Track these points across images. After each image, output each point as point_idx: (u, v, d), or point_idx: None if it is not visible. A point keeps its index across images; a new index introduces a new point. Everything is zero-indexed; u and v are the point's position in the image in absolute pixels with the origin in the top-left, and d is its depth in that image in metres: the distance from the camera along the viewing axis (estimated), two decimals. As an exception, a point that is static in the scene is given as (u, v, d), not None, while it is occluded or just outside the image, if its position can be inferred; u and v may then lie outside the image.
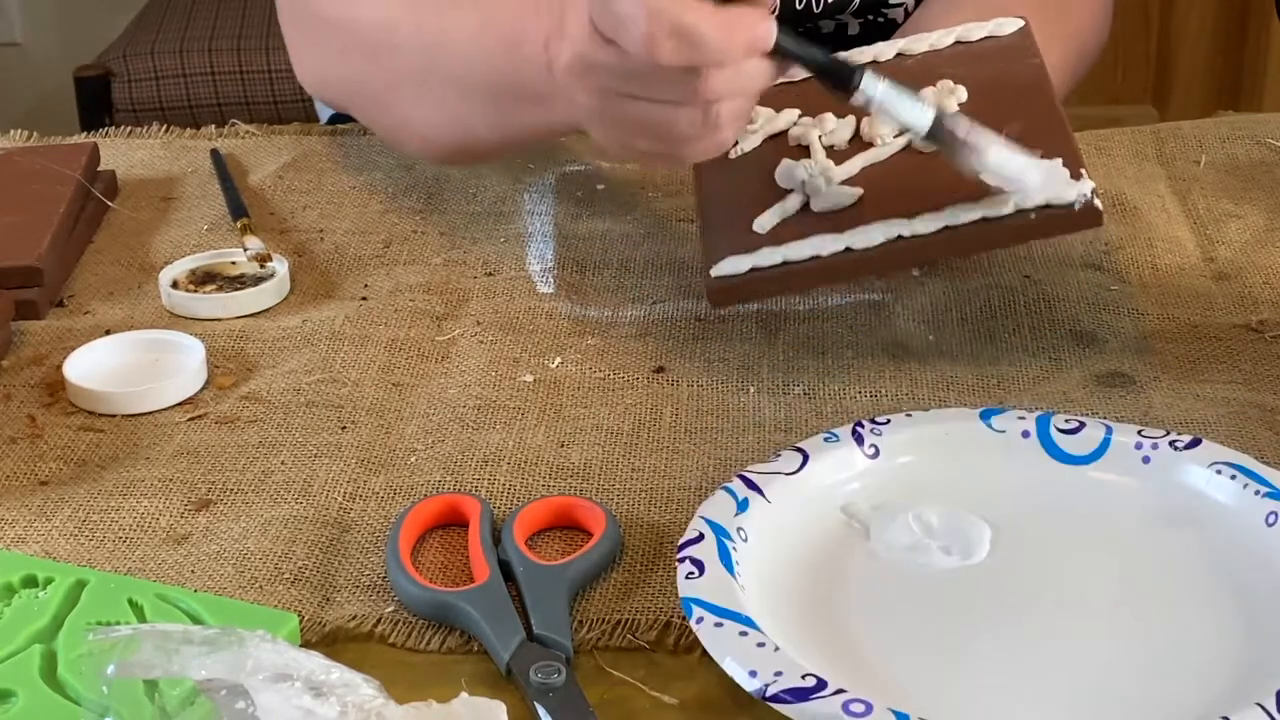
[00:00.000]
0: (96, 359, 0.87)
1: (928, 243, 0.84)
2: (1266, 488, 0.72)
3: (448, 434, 0.82)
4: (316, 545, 0.74)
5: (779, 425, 0.82)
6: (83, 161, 1.05)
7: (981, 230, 0.83)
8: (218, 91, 2.35)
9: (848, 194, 0.87)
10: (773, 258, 0.85)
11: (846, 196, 0.87)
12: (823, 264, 0.85)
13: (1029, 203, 0.82)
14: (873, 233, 0.84)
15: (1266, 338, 0.89)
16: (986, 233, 0.83)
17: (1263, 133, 1.12)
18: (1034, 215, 0.82)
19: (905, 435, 0.76)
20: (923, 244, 0.84)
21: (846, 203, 0.87)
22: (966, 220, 0.83)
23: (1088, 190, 0.82)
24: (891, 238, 0.84)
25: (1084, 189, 0.82)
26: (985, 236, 0.84)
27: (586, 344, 0.90)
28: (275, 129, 1.17)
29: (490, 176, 1.09)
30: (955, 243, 0.84)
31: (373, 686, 0.59)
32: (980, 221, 0.83)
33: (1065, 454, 0.76)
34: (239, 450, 0.81)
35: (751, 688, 0.62)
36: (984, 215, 0.83)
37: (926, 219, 0.83)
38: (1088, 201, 0.81)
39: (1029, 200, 0.82)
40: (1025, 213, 0.82)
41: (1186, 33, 2.79)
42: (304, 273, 0.98)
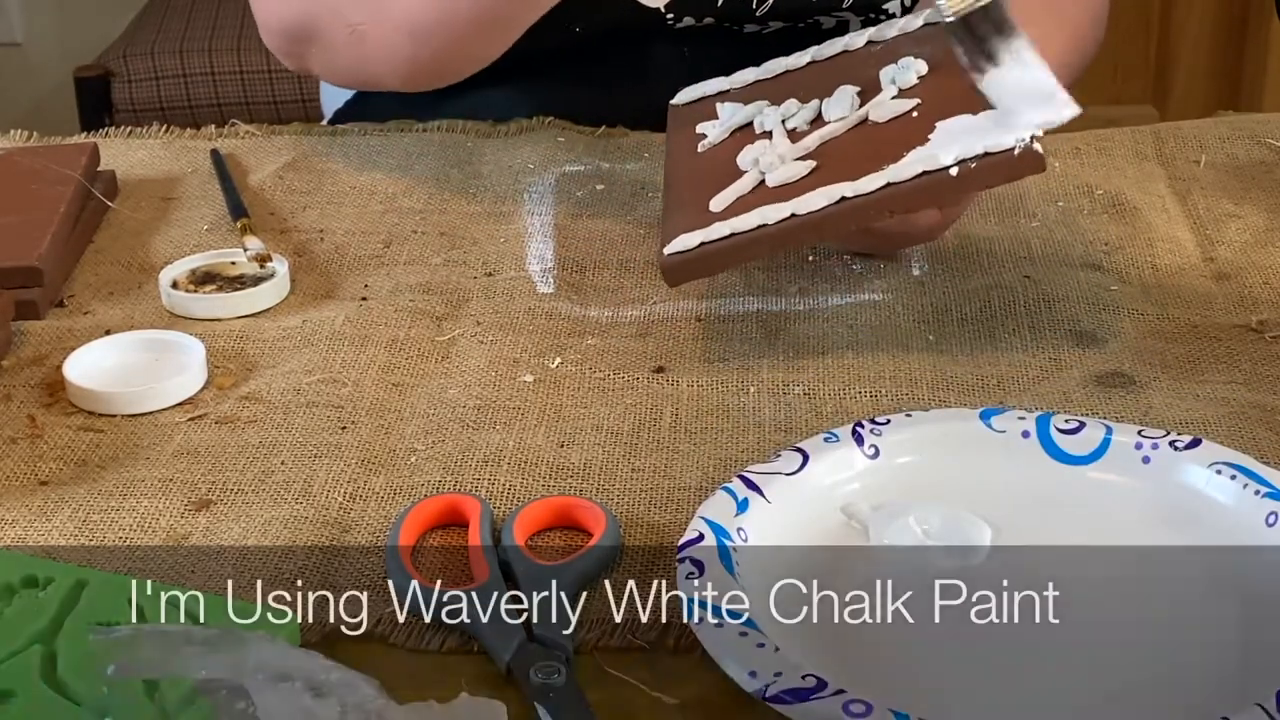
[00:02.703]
0: (96, 359, 0.87)
1: (870, 200, 0.84)
2: (1266, 488, 0.72)
3: (448, 434, 0.82)
4: (316, 545, 0.74)
5: (779, 425, 0.82)
6: (83, 161, 1.05)
7: (923, 184, 0.83)
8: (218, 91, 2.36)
9: (801, 167, 0.88)
10: (721, 231, 0.86)
11: (800, 170, 0.88)
12: (768, 231, 0.85)
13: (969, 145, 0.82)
14: (816, 198, 0.85)
15: (1266, 338, 0.89)
16: (928, 186, 0.83)
17: (1263, 133, 1.12)
18: (974, 164, 0.82)
19: (905, 435, 0.76)
20: (865, 202, 0.84)
21: (800, 175, 0.88)
22: (908, 176, 0.83)
23: (1027, 135, 0.81)
24: (835, 200, 0.84)
25: (1023, 134, 0.81)
26: (928, 190, 0.83)
27: (586, 344, 0.90)
28: (275, 129, 1.17)
29: (490, 176, 1.09)
30: (897, 198, 0.84)
31: (373, 686, 0.59)
32: (921, 175, 0.83)
33: (1065, 454, 0.76)
34: (239, 450, 0.81)
35: (751, 688, 0.62)
36: (924, 169, 0.83)
37: (869, 179, 0.84)
38: (1027, 146, 0.81)
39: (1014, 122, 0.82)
40: (965, 162, 0.82)
41: (1186, 33, 2.79)
42: (304, 273, 0.98)
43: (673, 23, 1.14)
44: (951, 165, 0.82)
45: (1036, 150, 0.81)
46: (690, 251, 0.86)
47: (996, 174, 0.83)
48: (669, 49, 1.13)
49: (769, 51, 1.02)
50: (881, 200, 0.84)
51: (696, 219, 0.88)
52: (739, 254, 0.87)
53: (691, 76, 1.03)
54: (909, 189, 0.83)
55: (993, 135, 0.82)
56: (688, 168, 0.95)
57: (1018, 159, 0.81)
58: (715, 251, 0.86)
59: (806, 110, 0.94)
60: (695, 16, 1.14)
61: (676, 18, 1.14)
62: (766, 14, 1.13)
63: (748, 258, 0.90)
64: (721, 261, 0.88)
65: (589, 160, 1.10)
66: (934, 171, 0.83)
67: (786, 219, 0.85)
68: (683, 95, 1.03)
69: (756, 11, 1.13)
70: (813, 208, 0.84)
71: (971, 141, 0.82)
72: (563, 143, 1.12)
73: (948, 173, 0.82)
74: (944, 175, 0.82)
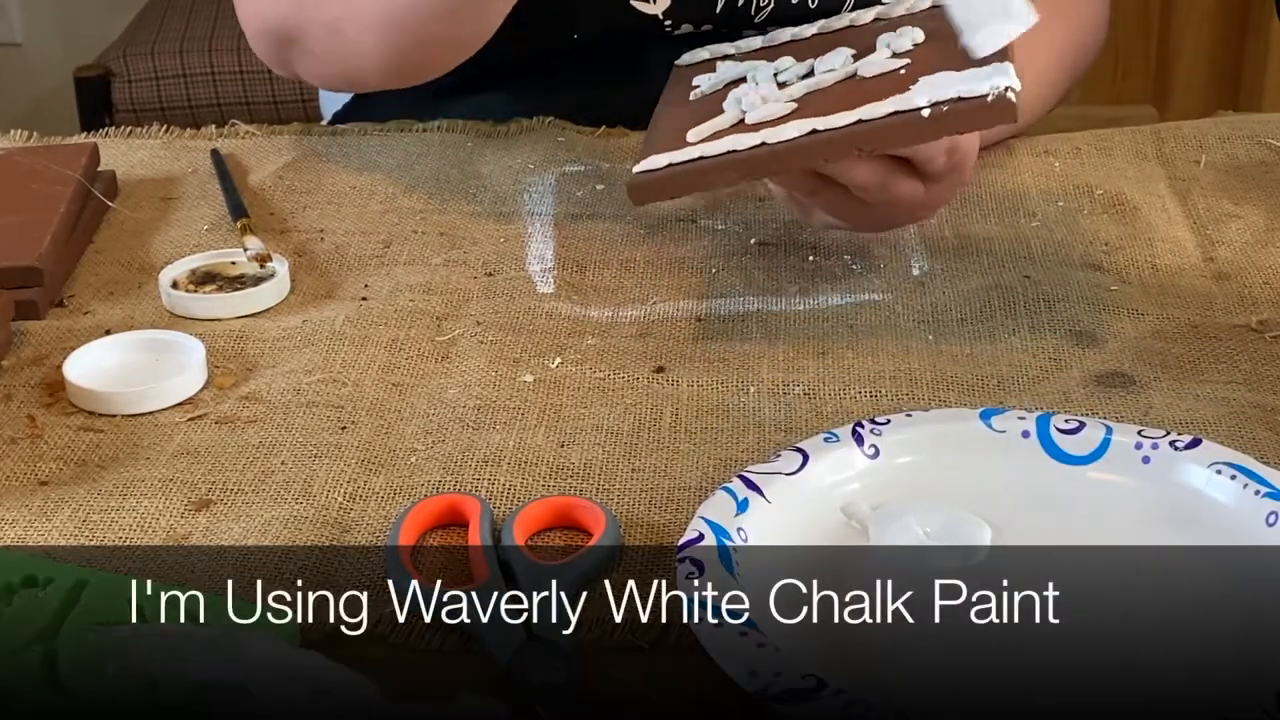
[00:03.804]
0: (96, 359, 0.87)
1: (840, 134, 0.84)
2: (1266, 488, 0.72)
3: (448, 434, 0.82)
4: (316, 545, 0.74)
5: (779, 425, 0.82)
6: (83, 161, 1.05)
7: (894, 123, 0.83)
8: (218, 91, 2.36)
9: (781, 108, 0.88)
10: (690, 154, 0.86)
11: (779, 110, 0.88)
12: (736, 157, 0.85)
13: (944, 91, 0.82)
14: (787, 129, 0.85)
15: (1266, 338, 0.89)
16: (899, 125, 0.83)
17: (1263, 133, 1.12)
18: (946, 108, 0.82)
19: (905, 435, 0.76)
20: (835, 135, 0.84)
21: (779, 115, 0.88)
22: (880, 114, 0.83)
23: (1002, 84, 0.81)
24: (805, 132, 0.84)
25: (998, 82, 0.82)
26: (898, 129, 0.83)
27: (586, 344, 0.90)
28: (275, 129, 1.17)
29: (490, 176, 1.09)
30: (867, 135, 0.84)
31: (373, 686, 0.59)
32: (893, 114, 0.83)
33: (1065, 454, 0.76)
34: (239, 450, 0.81)
35: (751, 688, 0.61)
36: (896, 109, 0.83)
37: (842, 115, 0.84)
38: (1001, 94, 0.81)
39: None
40: (938, 105, 0.82)
41: (1186, 33, 2.79)
42: (304, 273, 0.98)
43: (671, 29, 1.14)
44: (924, 107, 0.83)
45: (1010, 99, 0.81)
46: (657, 171, 0.87)
47: (969, 120, 0.83)
48: (667, 55, 1.13)
49: None
50: (851, 135, 0.84)
51: (672, 143, 0.88)
52: (704, 178, 0.87)
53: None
54: (879, 126, 0.83)
55: (968, 83, 0.82)
56: (675, 110, 0.96)
57: (990, 106, 0.81)
58: (681, 173, 0.86)
59: (800, 67, 0.95)
60: (694, 23, 1.14)
61: (675, 24, 1.14)
62: (765, 20, 1.13)
63: (714, 183, 0.90)
64: (686, 183, 0.88)
65: (589, 160, 1.10)
66: (906, 111, 0.83)
67: (755, 146, 0.85)
68: (686, 58, 1.04)
69: (755, 18, 1.13)
70: (782, 138, 0.85)
71: (946, 88, 0.83)
72: (563, 143, 1.12)
73: (919, 113, 0.83)
74: (915, 115, 0.83)
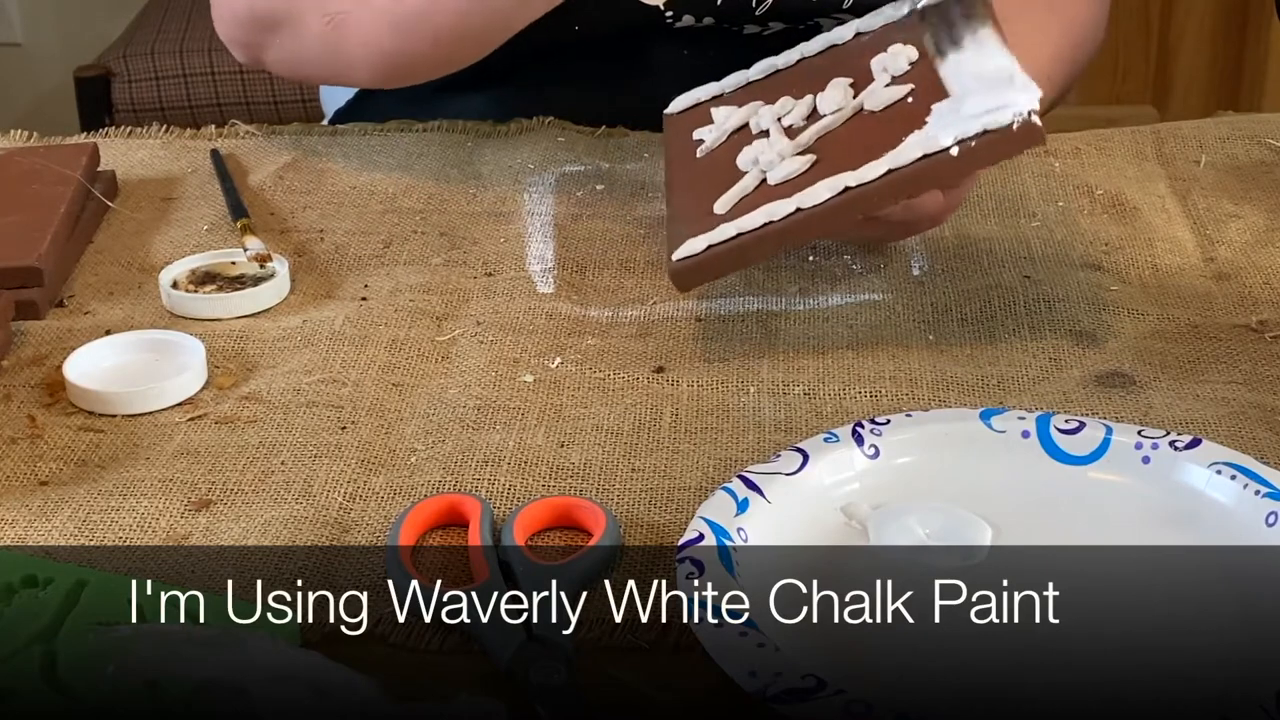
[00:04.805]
0: (96, 359, 0.87)
1: (874, 188, 0.84)
2: (1266, 488, 0.72)
3: (448, 434, 0.82)
4: (316, 545, 0.74)
5: (779, 425, 0.82)
6: (83, 161, 1.05)
7: (925, 167, 0.83)
8: (218, 91, 2.36)
9: (801, 162, 0.88)
10: (728, 232, 0.86)
11: (800, 164, 0.88)
12: (775, 228, 0.85)
13: (967, 125, 0.82)
14: (820, 190, 0.85)
15: (1266, 338, 0.89)
16: (931, 168, 0.83)
17: (1263, 133, 1.12)
18: (974, 143, 0.82)
19: (905, 435, 0.76)
20: (869, 190, 0.84)
21: (801, 170, 0.88)
22: (909, 160, 0.83)
23: (1024, 109, 0.81)
24: (839, 190, 0.84)
25: (1020, 107, 0.81)
26: (930, 172, 0.84)
27: (586, 344, 0.90)
28: (275, 129, 1.17)
29: (490, 176, 1.09)
30: (901, 183, 0.84)
31: (373, 686, 0.59)
32: (922, 159, 0.83)
33: (1065, 454, 0.76)
34: (239, 450, 0.81)
35: (751, 688, 0.61)
36: (924, 153, 0.83)
37: (870, 167, 0.84)
38: (1025, 120, 0.81)
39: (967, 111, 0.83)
40: (965, 142, 0.82)
41: (1186, 33, 2.79)
42: (304, 273, 0.98)
43: (672, 21, 1.14)
44: (951, 146, 0.82)
45: (1035, 123, 0.81)
46: (698, 255, 0.86)
47: (997, 150, 0.83)
48: (668, 49, 1.13)
49: (769, 53, 1.02)
50: (885, 186, 0.84)
51: (702, 223, 0.88)
52: (747, 253, 0.87)
53: (691, 77, 1.04)
54: (912, 173, 0.83)
55: (989, 113, 0.82)
56: (688, 174, 0.95)
57: (1017, 133, 0.81)
58: (724, 252, 0.86)
59: (801, 106, 0.94)
60: (695, 16, 1.14)
61: (676, 16, 1.14)
62: (766, 14, 1.14)
63: (757, 257, 0.90)
64: (731, 262, 0.88)
65: (589, 160, 1.10)
66: (935, 154, 0.83)
67: (792, 213, 0.85)
68: (676, 104, 1.03)
69: (756, 11, 1.14)
70: (818, 200, 0.85)
71: (969, 121, 0.83)
72: (563, 143, 1.12)
73: (948, 153, 0.82)
74: (945, 156, 0.82)
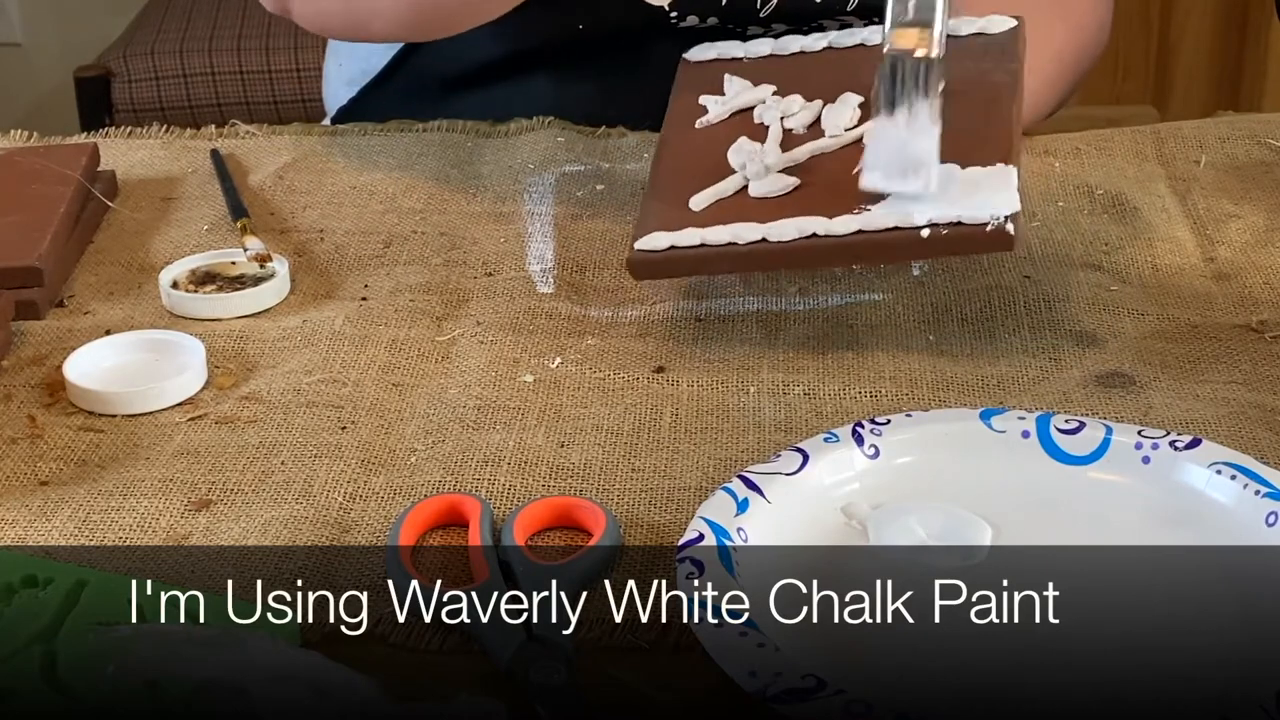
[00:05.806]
0: (96, 359, 0.87)
1: (838, 244, 0.85)
2: (1266, 488, 0.72)
3: (448, 434, 0.82)
4: (316, 545, 0.74)
5: (779, 425, 0.82)
6: (83, 161, 1.05)
7: (891, 239, 0.84)
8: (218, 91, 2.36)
9: (784, 183, 0.89)
10: (692, 239, 0.87)
11: (783, 185, 0.89)
12: (738, 251, 0.86)
13: (944, 210, 0.83)
14: (788, 227, 0.86)
15: (1266, 338, 0.89)
16: (895, 242, 0.84)
17: (1263, 133, 1.12)
18: (945, 230, 0.83)
19: (905, 435, 0.76)
20: (835, 244, 0.85)
21: (782, 190, 0.88)
22: (879, 226, 0.84)
23: (1002, 214, 0.82)
24: (806, 234, 0.85)
25: (999, 211, 0.82)
26: (894, 246, 0.84)
27: (586, 344, 0.90)
28: (275, 129, 1.17)
29: (490, 176, 1.09)
30: (863, 249, 0.85)
31: (373, 686, 0.59)
32: (892, 230, 0.84)
33: (1065, 454, 0.76)
34: (239, 450, 0.81)
35: (751, 688, 0.61)
36: (897, 224, 0.84)
37: (844, 220, 0.85)
38: (1000, 225, 0.82)
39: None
40: (937, 227, 0.83)
41: (1186, 33, 2.79)
42: (304, 273, 0.98)
43: (676, 21, 1.14)
44: (924, 226, 0.83)
45: (1008, 231, 0.82)
46: (659, 253, 0.87)
47: (964, 244, 0.84)
48: (671, 49, 1.13)
49: None
50: (849, 247, 0.85)
51: (673, 216, 0.89)
52: (704, 266, 0.89)
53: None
54: (876, 242, 0.84)
55: (972, 205, 0.83)
56: (681, 142, 0.96)
57: (988, 235, 0.82)
58: (681, 258, 0.87)
59: (806, 112, 0.94)
60: (699, 16, 1.14)
61: (680, 17, 1.14)
62: (770, 16, 1.14)
63: (712, 271, 0.92)
64: (687, 268, 0.89)
65: (589, 160, 1.10)
66: (905, 229, 0.84)
67: (757, 242, 0.86)
68: (695, 52, 1.04)
69: (760, 13, 1.14)
70: (783, 237, 0.86)
71: (947, 207, 0.83)
72: (563, 143, 1.12)
73: (918, 233, 0.83)
74: (913, 234, 0.83)
